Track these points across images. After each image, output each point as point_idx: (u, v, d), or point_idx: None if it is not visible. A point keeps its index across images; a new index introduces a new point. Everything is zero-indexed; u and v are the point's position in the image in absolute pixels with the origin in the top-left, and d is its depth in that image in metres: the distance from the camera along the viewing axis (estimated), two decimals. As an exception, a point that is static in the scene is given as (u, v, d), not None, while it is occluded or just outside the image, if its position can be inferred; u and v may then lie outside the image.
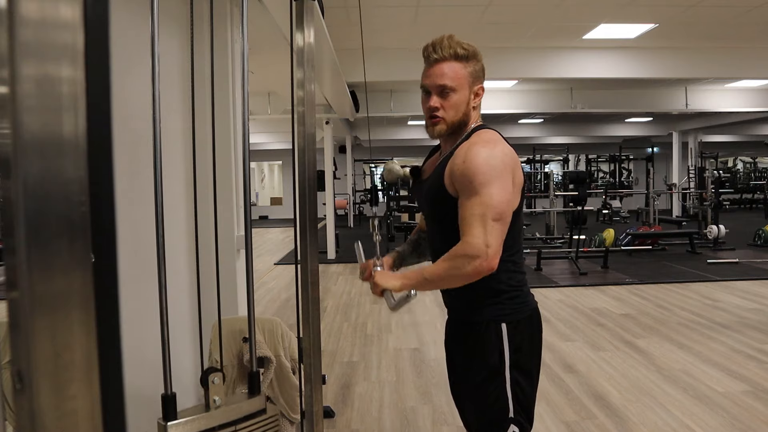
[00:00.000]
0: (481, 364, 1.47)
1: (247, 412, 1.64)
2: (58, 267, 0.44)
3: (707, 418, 2.97)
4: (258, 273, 7.92)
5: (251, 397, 1.68)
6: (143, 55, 1.53)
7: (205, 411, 1.57)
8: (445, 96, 1.45)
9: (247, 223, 1.76)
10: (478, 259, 1.33)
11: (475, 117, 1.52)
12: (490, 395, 1.46)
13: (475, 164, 1.36)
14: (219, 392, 1.61)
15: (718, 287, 6.36)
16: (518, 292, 1.48)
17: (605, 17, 5.72)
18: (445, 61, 1.44)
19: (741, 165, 19.74)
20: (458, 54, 1.43)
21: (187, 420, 1.52)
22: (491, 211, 1.34)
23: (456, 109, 1.46)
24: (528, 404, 1.48)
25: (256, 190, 19.70)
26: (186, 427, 1.51)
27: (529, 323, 1.49)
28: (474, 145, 1.41)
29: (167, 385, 1.50)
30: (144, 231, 1.66)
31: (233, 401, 1.66)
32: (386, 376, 3.75)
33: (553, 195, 11.02)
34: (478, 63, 1.48)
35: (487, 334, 1.46)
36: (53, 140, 0.43)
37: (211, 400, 1.59)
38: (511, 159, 1.41)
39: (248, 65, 1.73)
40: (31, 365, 0.43)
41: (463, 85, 1.45)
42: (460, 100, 1.46)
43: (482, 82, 1.51)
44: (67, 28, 0.43)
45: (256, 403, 1.68)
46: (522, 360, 1.46)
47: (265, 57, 4.80)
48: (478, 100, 1.50)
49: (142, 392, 1.65)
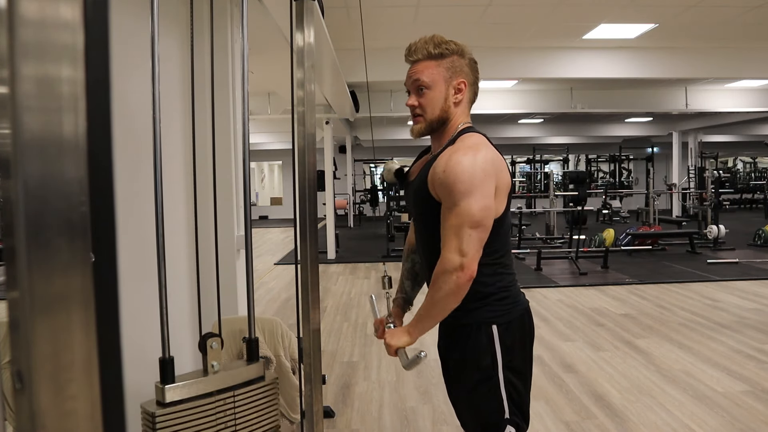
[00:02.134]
0: (474, 366, 1.47)
1: (246, 379, 1.64)
2: (58, 267, 0.44)
3: (707, 418, 2.97)
4: (258, 273, 7.92)
5: (249, 364, 1.69)
6: (143, 56, 1.54)
7: (203, 375, 1.57)
8: (421, 94, 1.48)
9: (247, 223, 1.76)
10: (455, 272, 1.35)
11: (459, 114, 1.50)
12: (485, 397, 1.47)
13: (454, 174, 1.36)
14: (217, 357, 1.61)
15: (718, 287, 6.36)
16: (506, 293, 1.49)
17: (605, 17, 5.72)
18: (420, 61, 1.48)
19: (741, 165, 19.74)
20: (431, 53, 1.46)
21: (185, 384, 1.52)
22: (468, 220, 1.34)
23: (432, 105, 1.48)
24: (522, 403, 1.49)
25: (256, 190, 19.70)
26: (183, 390, 1.51)
27: (520, 323, 1.50)
28: (455, 152, 1.40)
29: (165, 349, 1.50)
30: (144, 231, 1.67)
31: (232, 367, 1.66)
32: (386, 376, 3.75)
33: (553, 195, 11.01)
34: (458, 58, 1.48)
35: (478, 337, 1.46)
36: (53, 140, 0.43)
37: (210, 365, 1.59)
38: (492, 165, 1.39)
39: (248, 65, 1.73)
40: (31, 365, 0.43)
41: (437, 81, 1.47)
42: (435, 96, 1.47)
43: (464, 77, 1.48)
44: (67, 28, 0.43)
45: (255, 370, 1.68)
46: (514, 360, 1.47)
47: (265, 57, 4.80)
48: (460, 96, 1.48)
49: (142, 392, 1.65)
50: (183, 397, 1.50)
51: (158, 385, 1.49)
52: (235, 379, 1.62)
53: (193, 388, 1.53)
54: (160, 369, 1.49)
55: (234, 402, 1.59)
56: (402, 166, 1.73)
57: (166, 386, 1.48)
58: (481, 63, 1.56)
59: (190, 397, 1.51)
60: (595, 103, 9.97)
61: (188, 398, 1.51)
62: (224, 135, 2.60)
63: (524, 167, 18.15)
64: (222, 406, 1.56)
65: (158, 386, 1.49)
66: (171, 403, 1.48)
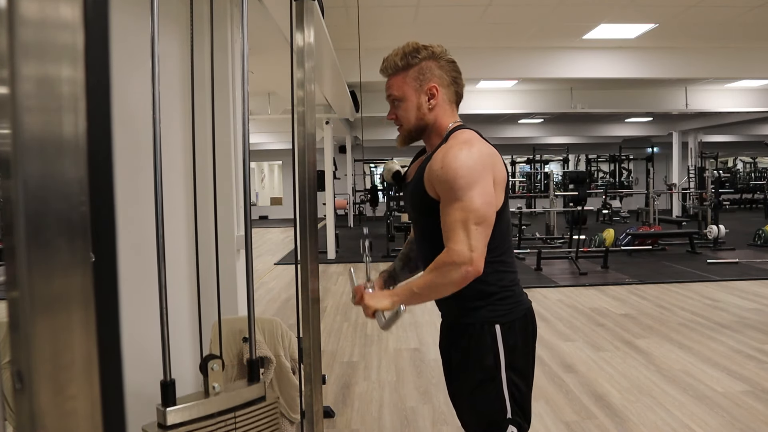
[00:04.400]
0: (476, 366, 1.47)
1: (247, 399, 1.64)
2: (58, 267, 0.44)
3: (707, 418, 2.97)
4: (258, 273, 7.92)
5: (251, 384, 1.68)
6: (143, 56, 1.54)
7: (204, 397, 1.57)
8: (397, 107, 1.54)
9: (247, 223, 1.76)
10: (464, 265, 1.34)
11: (442, 116, 1.51)
12: (487, 397, 1.46)
13: (453, 168, 1.36)
14: (218, 379, 1.60)
15: (718, 287, 6.36)
16: (509, 292, 1.48)
17: (605, 17, 5.72)
18: (391, 76, 1.54)
19: (741, 165, 19.74)
20: (398, 65, 1.51)
21: (186, 406, 1.52)
22: (473, 215, 1.34)
23: (408, 116, 1.52)
24: (524, 403, 1.49)
25: (256, 190, 19.70)
26: (185, 413, 1.51)
27: (523, 323, 1.49)
28: (450, 148, 1.41)
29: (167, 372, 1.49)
30: (144, 231, 1.67)
31: (233, 388, 1.65)
32: (386, 376, 3.75)
33: (553, 195, 11.01)
34: (428, 63, 1.48)
35: (481, 336, 1.45)
36: (53, 140, 0.43)
37: (211, 387, 1.58)
38: (489, 158, 1.40)
39: (248, 65, 1.73)
40: (31, 365, 0.43)
41: (407, 92, 1.50)
42: (408, 106, 1.51)
43: (436, 81, 1.49)
44: (67, 28, 0.43)
45: (256, 390, 1.68)
46: (517, 360, 1.46)
47: (265, 57, 4.80)
48: (435, 101, 1.49)
49: (142, 391, 1.65)
50: (184, 419, 1.49)
51: (159, 408, 1.49)
52: (236, 400, 1.61)
53: (194, 410, 1.52)
54: (161, 391, 1.48)
55: (235, 423, 1.58)
56: (402, 166, 1.74)
57: (168, 409, 1.48)
58: (481, 63, 1.57)
59: (192, 419, 1.50)
60: (595, 103, 9.97)
61: (190, 420, 1.50)
62: (224, 135, 2.59)
63: (524, 167, 18.16)
64: (223, 427, 1.56)
65: (159, 409, 1.49)
66: (173, 426, 1.47)
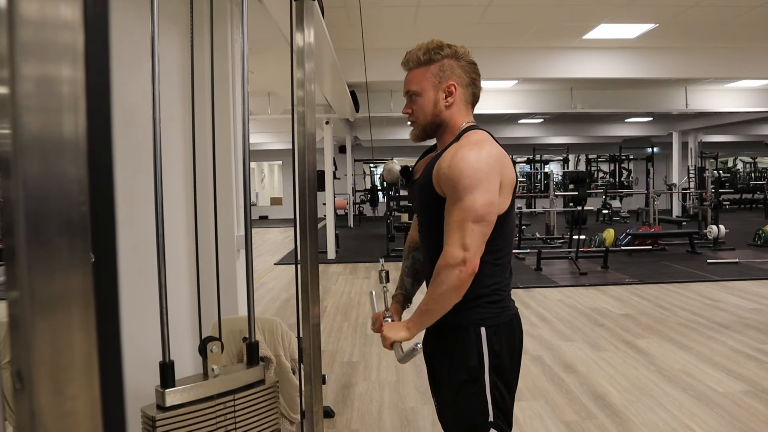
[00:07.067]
0: (460, 367, 1.47)
1: (246, 382, 1.64)
2: (58, 267, 0.44)
3: (707, 418, 2.97)
4: (258, 273, 7.92)
5: (250, 367, 1.68)
6: (143, 56, 1.54)
7: (203, 379, 1.57)
8: (413, 101, 1.52)
9: (247, 223, 1.76)
10: (457, 266, 1.35)
11: (457, 115, 1.51)
12: (470, 399, 1.46)
13: (459, 168, 1.36)
14: (217, 361, 1.60)
15: (718, 287, 6.36)
16: (498, 296, 1.48)
17: (605, 17, 5.72)
18: (412, 69, 1.52)
19: (741, 165, 19.73)
20: (420, 60, 1.49)
21: (185, 387, 1.52)
22: (471, 215, 1.35)
23: (423, 111, 1.51)
24: (506, 408, 1.49)
25: (256, 190, 19.70)
26: (183, 394, 1.51)
27: (508, 328, 1.49)
28: (461, 148, 1.41)
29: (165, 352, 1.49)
30: (144, 231, 1.67)
31: (232, 371, 1.65)
32: (386, 376, 3.75)
33: (553, 195, 11.01)
34: (449, 61, 1.48)
35: (467, 338, 1.46)
36: (53, 140, 0.43)
37: (210, 369, 1.58)
38: (497, 161, 1.40)
39: (248, 65, 1.73)
40: (31, 365, 0.43)
41: (425, 87, 1.49)
42: (425, 102, 1.50)
43: (455, 79, 1.49)
44: (67, 28, 0.43)
45: (255, 374, 1.68)
46: (501, 365, 1.46)
47: (265, 57, 4.80)
48: (451, 99, 1.49)
49: (142, 392, 1.65)
50: (183, 401, 1.50)
51: (158, 389, 1.49)
52: (236, 382, 1.61)
53: (193, 392, 1.52)
54: (160, 373, 1.48)
55: (234, 405, 1.59)
56: (405, 165, 1.74)
57: (167, 390, 1.48)
58: (481, 63, 1.56)
59: (191, 401, 1.51)
60: (595, 103, 9.97)
61: (188, 402, 1.50)
62: (224, 135, 2.59)
63: (524, 167, 18.14)
64: (222, 409, 1.56)
65: (158, 390, 1.49)
66: (171, 407, 1.47)
